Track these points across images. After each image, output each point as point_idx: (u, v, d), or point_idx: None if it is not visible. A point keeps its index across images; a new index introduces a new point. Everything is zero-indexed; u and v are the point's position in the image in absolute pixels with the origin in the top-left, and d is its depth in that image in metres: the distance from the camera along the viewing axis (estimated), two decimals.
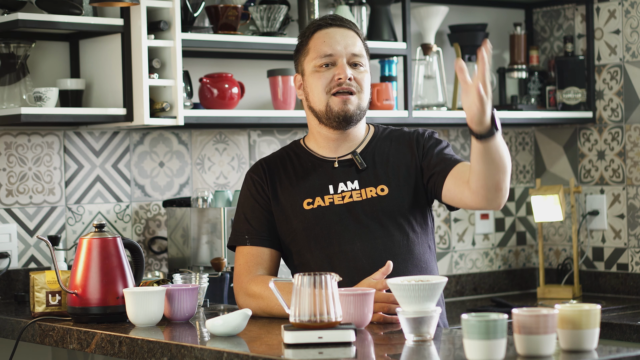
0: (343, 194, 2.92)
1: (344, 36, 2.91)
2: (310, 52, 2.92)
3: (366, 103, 2.93)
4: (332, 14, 2.96)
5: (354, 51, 2.90)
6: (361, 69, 2.91)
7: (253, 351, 2.35)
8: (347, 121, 2.90)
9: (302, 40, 2.96)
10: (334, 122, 2.90)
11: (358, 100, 2.90)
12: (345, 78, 2.87)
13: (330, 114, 2.89)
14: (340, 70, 2.88)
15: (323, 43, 2.90)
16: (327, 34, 2.91)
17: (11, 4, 3.50)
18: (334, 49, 2.89)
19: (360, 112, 2.91)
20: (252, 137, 4.17)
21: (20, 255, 3.73)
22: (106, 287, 2.90)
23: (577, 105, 4.55)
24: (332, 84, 2.88)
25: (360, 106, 2.90)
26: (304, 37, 2.95)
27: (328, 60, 2.89)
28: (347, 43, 2.90)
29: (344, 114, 2.88)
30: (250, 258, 2.93)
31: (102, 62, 3.69)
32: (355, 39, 2.92)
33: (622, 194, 4.48)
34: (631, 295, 4.43)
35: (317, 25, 2.93)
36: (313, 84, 2.91)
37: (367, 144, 2.98)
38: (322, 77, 2.89)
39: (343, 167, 2.95)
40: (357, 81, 2.89)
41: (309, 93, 2.93)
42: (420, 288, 2.41)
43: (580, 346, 2.20)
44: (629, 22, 4.43)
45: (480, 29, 4.50)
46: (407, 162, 2.94)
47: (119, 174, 3.91)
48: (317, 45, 2.91)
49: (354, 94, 2.89)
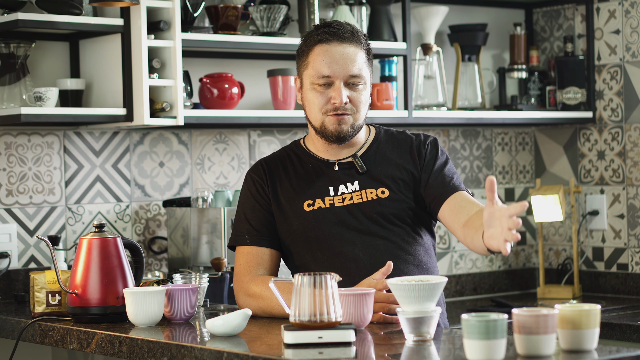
0: (343, 196, 2.92)
1: (343, 55, 2.87)
2: (309, 67, 2.90)
3: (362, 120, 2.92)
4: (334, 24, 2.90)
5: (352, 72, 2.87)
6: (359, 87, 2.89)
7: (253, 351, 2.35)
8: (341, 140, 2.91)
9: (302, 50, 2.93)
10: (329, 139, 2.91)
11: (353, 120, 2.89)
12: (340, 103, 2.86)
13: (325, 132, 2.90)
14: (336, 94, 2.86)
15: (322, 62, 2.87)
16: (327, 52, 2.87)
17: (11, 4, 3.50)
18: (332, 70, 2.86)
19: (355, 130, 2.91)
20: (252, 137, 4.17)
21: (20, 255, 3.73)
22: (106, 287, 2.90)
23: (577, 105, 4.55)
24: (328, 105, 2.88)
25: (355, 125, 2.90)
26: (305, 46, 2.92)
27: (326, 81, 2.87)
28: (346, 63, 2.86)
29: (337, 133, 2.89)
30: (250, 258, 2.93)
31: (102, 62, 3.69)
32: (356, 55, 2.88)
33: (622, 194, 4.48)
34: (631, 295, 4.43)
35: (317, 40, 2.89)
36: (310, 100, 2.91)
37: (368, 147, 2.98)
38: (318, 97, 2.88)
39: (343, 169, 2.96)
40: (354, 103, 2.88)
41: (306, 106, 2.94)
42: (420, 288, 2.41)
43: (580, 346, 2.20)
44: (629, 22, 4.43)
45: (480, 29, 4.50)
46: (408, 166, 2.95)
47: (119, 174, 3.91)
48: (315, 63, 2.88)
49: (349, 115, 2.89)
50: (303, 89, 2.93)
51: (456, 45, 4.50)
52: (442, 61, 4.39)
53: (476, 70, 4.53)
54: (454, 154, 4.61)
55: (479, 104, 4.53)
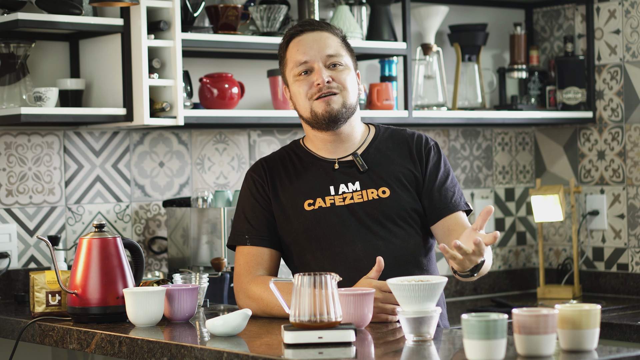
0: (344, 195, 2.92)
1: (316, 40, 2.90)
2: (288, 63, 2.93)
3: (353, 100, 2.92)
4: (306, 19, 2.97)
5: (328, 52, 2.89)
6: (340, 67, 2.90)
7: (253, 351, 2.35)
8: (335, 120, 2.90)
9: (280, 53, 2.97)
10: (323, 125, 2.90)
11: (342, 98, 2.89)
12: (323, 83, 2.87)
13: (316, 117, 2.90)
14: (317, 75, 2.88)
15: (297, 51, 2.90)
16: (300, 42, 2.91)
17: (11, 4, 3.50)
18: (308, 54, 2.89)
19: (347, 109, 2.90)
20: (252, 137, 4.17)
21: (20, 255, 3.73)
22: (106, 287, 2.90)
23: (577, 105, 4.55)
24: (313, 89, 2.89)
25: (346, 104, 2.90)
26: (281, 49, 2.97)
27: (305, 67, 2.89)
28: (320, 46, 2.89)
29: (328, 115, 2.88)
30: (250, 258, 2.93)
31: (102, 62, 3.69)
32: (329, 39, 2.92)
33: (622, 194, 4.48)
34: (631, 295, 4.43)
35: (289, 35, 2.94)
36: (296, 92, 2.92)
37: (368, 145, 2.98)
38: (302, 85, 2.90)
39: (344, 168, 2.95)
40: (338, 81, 2.89)
41: (295, 102, 2.95)
42: (420, 288, 2.41)
43: (580, 346, 2.20)
44: (629, 22, 4.43)
45: (480, 29, 4.50)
46: (408, 166, 2.95)
47: (119, 174, 3.91)
48: (292, 54, 2.91)
49: (336, 94, 2.89)
50: (290, 88, 2.95)
51: (456, 45, 4.50)
52: (442, 61, 4.39)
53: (476, 70, 4.53)
54: (454, 154, 4.61)
55: (479, 104, 4.53)
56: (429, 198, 2.93)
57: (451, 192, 2.94)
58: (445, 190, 2.94)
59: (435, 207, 2.93)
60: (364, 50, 4.03)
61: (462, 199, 2.95)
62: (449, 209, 2.92)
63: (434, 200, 2.93)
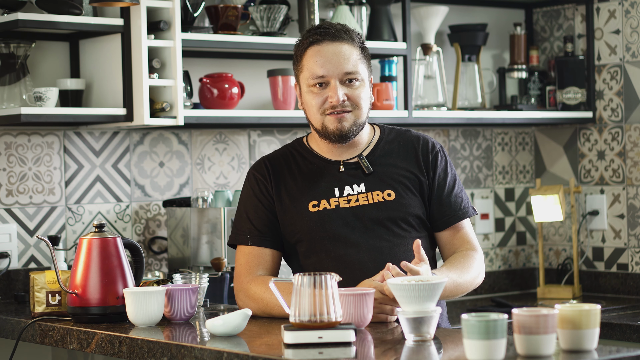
0: (349, 197, 2.91)
1: (336, 54, 2.86)
2: (304, 70, 2.90)
3: (364, 117, 2.91)
4: (325, 25, 2.91)
5: (346, 69, 2.86)
6: (356, 84, 2.88)
7: (253, 351, 2.35)
8: (344, 138, 2.90)
9: (296, 53, 2.94)
10: (332, 139, 2.90)
11: (354, 117, 2.88)
12: (337, 102, 2.85)
13: (327, 132, 2.89)
14: (332, 92, 2.85)
15: (315, 63, 2.86)
16: (319, 53, 2.86)
17: (11, 4, 3.50)
18: (326, 69, 2.85)
19: (357, 127, 2.90)
20: (252, 137, 4.17)
21: (20, 255, 3.73)
22: (106, 287, 2.90)
23: (577, 105, 4.55)
24: (326, 105, 2.87)
25: (357, 122, 2.89)
26: (298, 51, 2.92)
27: (321, 80, 2.87)
28: (340, 61, 2.86)
29: (339, 132, 2.88)
30: (251, 258, 2.93)
31: (102, 62, 3.69)
32: (350, 53, 2.87)
33: (622, 194, 4.48)
34: (631, 295, 4.43)
35: (309, 42, 2.89)
36: (308, 102, 2.91)
37: (373, 147, 2.98)
38: (315, 98, 2.88)
39: (349, 170, 2.95)
40: (352, 99, 2.87)
41: (306, 109, 2.94)
42: (420, 288, 2.41)
43: (580, 346, 2.20)
44: (629, 22, 4.43)
45: (480, 29, 4.50)
46: (413, 170, 2.95)
47: (119, 174, 3.91)
48: (309, 64, 2.87)
49: (349, 112, 2.88)
50: (302, 93, 2.93)
51: (456, 45, 4.50)
52: (442, 61, 4.39)
53: (476, 70, 4.53)
54: (454, 154, 4.61)
55: (479, 104, 4.53)
56: (439, 205, 2.94)
57: (460, 197, 2.96)
58: (455, 197, 2.95)
59: (445, 214, 2.94)
60: None
61: (469, 203, 2.99)
62: (458, 217, 2.95)
63: (444, 207, 2.94)
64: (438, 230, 2.96)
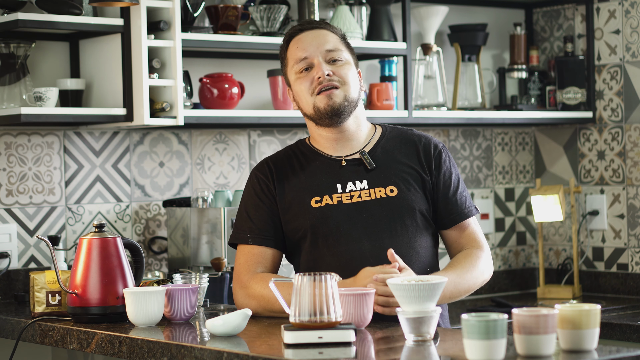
0: (352, 193, 2.92)
1: (315, 37, 2.94)
2: (289, 62, 2.96)
3: (355, 94, 2.93)
4: (305, 20, 3.00)
5: (327, 47, 2.92)
6: (340, 62, 2.92)
7: (253, 351, 2.35)
8: (337, 114, 2.90)
9: (281, 54, 3.00)
10: (326, 119, 2.91)
11: (344, 92, 2.90)
12: (323, 76, 2.89)
13: (319, 112, 2.90)
14: (317, 69, 2.90)
15: (297, 49, 2.93)
16: (299, 40, 2.94)
17: (11, 4, 3.50)
18: (307, 50, 2.92)
19: (349, 103, 2.91)
20: (252, 137, 4.17)
21: (20, 255, 3.73)
22: (106, 287, 2.90)
23: (577, 105, 4.56)
24: (314, 84, 2.90)
25: (348, 98, 2.91)
26: (282, 50, 3.00)
27: (305, 64, 2.92)
28: (319, 42, 2.93)
29: (330, 108, 2.89)
30: (251, 257, 2.93)
31: (102, 62, 3.69)
32: (328, 36, 2.95)
33: (622, 194, 4.48)
34: (631, 295, 4.43)
35: (289, 35, 2.98)
36: (298, 90, 2.94)
37: (375, 144, 2.99)
38: (303, 82, 2.92)
39: (351, 166, 2.95)
40: (338, 75, 2.91)
41: (298, 101, 2.96)
42: (420, 288, 2.41)
43: (580, 346, 2.20)
44: (629, 22, 4.43)
45: (480, 29, 4.50)
46: (416, 167, 2.96)
47: (119, 174, 3.91)
48: (292, 52, 2.94)
49: (338, 88, 2.90)
50: (293, 88, 2.97)
51: (456, 45, 4.50)
52: (442, 61, 4.39)
53: (476, 70, 4.53)
54: (454, 154, 4.61)
55: (479, 104, 4.53)
56: (446, 204, 2.96)
57: (464, 196, 2.99)
58: (460, 196, 2.98)
59: (452, 213, 2.96)
60: (364, 50, 4.04)
61: (472, 202, 3.02)
62: (464, 215, 2.97)
63: (450, 206, 2.96)
64: (445, 228, 2.97)
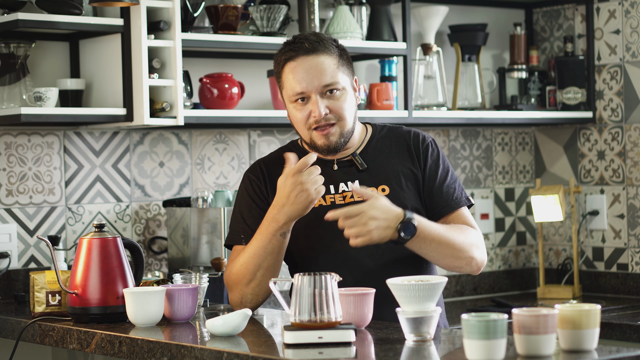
0: (344, 194, 2.92)
1: (312, 67, 2.86)
2: (284, 87, 2.91)
3: (350, 125, 2.91)
4: (298, 38, 2.89)
5: (324, 82, 2.85)
6: (337, 93, 2.87)
7: (253, 351, 2.35)
8: (334, 150, 2.92)
9: (276, 70, 2.94)
10: (322, 153, 2.92)
11: (340, 129, 2.89)
12: (320, 116, 2.86)
13: (316, 146, 2.91)
14: (314, 107, 2.86)
15: (293, 80, 2.87)
16: (296, 69, 2.87)
17: (11, 4, 3.50)
18: (304, 85, 2.85)
19: (345, 138, 2.91)
20: (252, 137, 4.17)
21: (20, 255, 3.73)
22: (106, 287, 2.90)
23: (577, 105, 4.55)
24: (310, 120, 2.88)
25: (343, 133, 2.90)
26: (276, 68, 2.93)
27: (301, 96, 2.88)
28: (317, 75, 2.85)
29: (327, 147, 2.90)
30: None
31: (102, 62, 3.69)
32: (327, 64, 2.87)
33: (622, 194, 4.48)
34: (631, 295, 4.43)
35: (284, 60, 2.89)
36: (293, 116, 2.93)
37: (366, 144, 2.99)
38: (299, 113, 2.89)
39: (343, 167, 2.96)
40: (335, 111, 2.87)
41: (293, 122, 2.96)
42: (420, 288, 2.41)
43: (580, 346, 2.20)
44: (629, 22, 4.43)
45: (480, 29, 4.50)
46: (407, 164, 2.96)
47: (119, 174, 3.91)
48: (288, 81, 2.89)
49: (334, 125, 2.89)
50: (286, 106, 2.95)
51: (456, 45, 4.50)
52: (442, 61, 4.39)
53: (476, 70, 4.53)
54: (454, 154, 4.61)
55: (479, 104, 4.53)
56: (431, 196, 2.94)
57: (452, 188, 2.95)
58: (447, 188, 2.95)
59: (437, 205, 2.94)
60: (364, 50, 4.04)
61: (463, 194, 2.97)
62: (450, 207, 2.94)
63: (435, 198, 2.94)
64: (435, 221, 2.95)
